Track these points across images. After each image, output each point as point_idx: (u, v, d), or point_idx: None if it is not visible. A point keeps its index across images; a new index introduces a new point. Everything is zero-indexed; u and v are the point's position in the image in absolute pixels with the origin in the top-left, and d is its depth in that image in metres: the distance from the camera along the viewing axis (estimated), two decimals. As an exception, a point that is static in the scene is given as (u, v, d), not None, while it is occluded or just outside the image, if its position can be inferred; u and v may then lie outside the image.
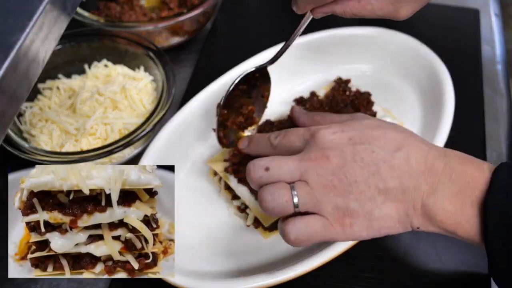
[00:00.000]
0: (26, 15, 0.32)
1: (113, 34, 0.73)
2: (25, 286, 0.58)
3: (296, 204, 0.45)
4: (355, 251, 0.55)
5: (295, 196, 0.45)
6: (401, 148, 0.46)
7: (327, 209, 0.45)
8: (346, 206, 0.45)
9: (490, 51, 0.83)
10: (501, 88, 0.78)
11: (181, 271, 0.52)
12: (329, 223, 0.45)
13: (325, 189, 0.45)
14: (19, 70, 0.32)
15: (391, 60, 0.73)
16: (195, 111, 0.65)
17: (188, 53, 0.83)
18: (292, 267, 0.52)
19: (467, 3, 0.90)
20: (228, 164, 0.62)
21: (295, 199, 0.45)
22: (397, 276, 0.57)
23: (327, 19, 0.68)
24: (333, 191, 0.45)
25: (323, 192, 0.45)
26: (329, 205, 0.45)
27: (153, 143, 0.61)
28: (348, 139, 0.47)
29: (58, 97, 0.70)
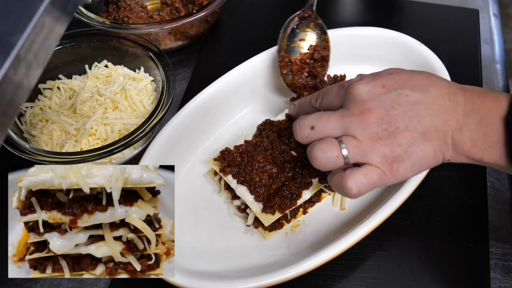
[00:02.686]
0: (27, 15, 0.32)
1: (113, 34, 0.74)
2: (25, 286, 0.58)
3: (346, 157, 0.47)
4: (355, 251, 0.56)
5: (344, 149, 0.47)
6: (427, 87, 0.49)
7: (376, 159, 0.47)
8: (392, 153, 0.47)
9: (489, 51, 0.83)
10: (500, 87, 0.78)
11: (181, 271, 0.52)
12: (382, 171, 0.48)
13: (372, 141, 0.47)
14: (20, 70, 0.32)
15: (391, 60, 0.73)
16: (195, 111, 0.65)
17: (188, 53, 0.83)
18: (292, 267, 0.52)
19: (467, 4, 0.90)
20: (223, 164, 0.61)
21: (344, 152, 0.47)
22: (397, 276, 0.57)
23: (326, 20, 0.69)
24: (379, 142, 0.47)
25: (370, 144, 0.47)
26: (378, 155, 0.47)
27: (153, 143, 0.61)
28: (381, 86, 0.49)
29: (58, 97, 0.70)
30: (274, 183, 0.59)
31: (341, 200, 0.62)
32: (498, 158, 0.48)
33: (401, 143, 0.47)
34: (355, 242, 0.53)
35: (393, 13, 0.89)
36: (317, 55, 0.66)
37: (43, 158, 0.60)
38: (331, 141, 0.48)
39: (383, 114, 0.47)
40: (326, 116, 0.49)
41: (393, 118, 0.47)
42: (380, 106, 0.48)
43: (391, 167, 0.48)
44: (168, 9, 0.85)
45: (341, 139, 0.48)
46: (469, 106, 0.49)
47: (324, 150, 0.47)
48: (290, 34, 0.67)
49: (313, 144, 0.49)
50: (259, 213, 0.58)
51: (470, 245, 0.59)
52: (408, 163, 0.48)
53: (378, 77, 0.50)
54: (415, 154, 0.48)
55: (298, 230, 0.60)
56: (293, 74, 0.66)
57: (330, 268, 0.54)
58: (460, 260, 0.58)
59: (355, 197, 0.48)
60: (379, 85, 0.49)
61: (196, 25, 0.80)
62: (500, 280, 0.58)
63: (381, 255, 0.59)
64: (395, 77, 0.50)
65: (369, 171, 0.47)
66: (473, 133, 0.48)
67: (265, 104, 0.72)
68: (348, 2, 0.92)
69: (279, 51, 0.66)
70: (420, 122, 0.48)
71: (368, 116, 0.48)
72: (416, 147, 0.48)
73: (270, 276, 0.51)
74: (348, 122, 0.48)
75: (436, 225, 0.61)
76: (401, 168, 0.48)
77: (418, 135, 0.48)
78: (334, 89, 0.52)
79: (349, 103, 0.49)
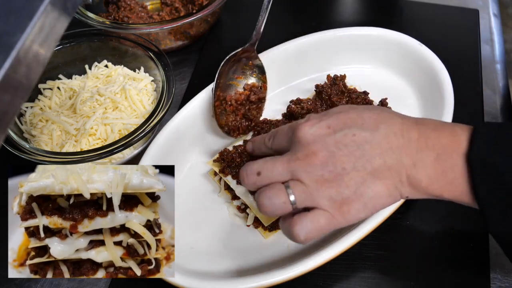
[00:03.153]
0: (27, 15, 0.32)
1: (113, 34, 0.74)
2: (26, 286, 0.58)
3: (293, 202, 0.46)
4: (355, 251, 0.56)
5: (291, 195, 0.46)
6: (378, 125, 0.47)
7: (324, 202, 0.46)
8: (340, 195, 0.46)
9: (489, 51, 0.83)
10: (500, 87, 0.78)
11: (181, 271, 0.52)
12: (330, 214, 0.46)
13: (318, 184, 0.46)
14: (20, 70, 0.32)
15: (390, 60, 0.73)
16: (195, 111, 0.65)
17: (188, 53, 0.83)
18: (292, 267, 0.52)
19: (467, 4, 0.90)
20: (223, 164, 0.61)
21: (291, 198, 0.46)
22: (397, 276, 0.57)
23: (326, 20, 0.69)
24: (325, 184, 0.46)
25: (316, 187, 0.46)
26: (325, 198, 0.46)
27: (153, 143, 0.61)
28: (327, 127, 0.48)
29: (58, 97, 0.70)
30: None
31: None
32: (459, 194, 0.47)
33: (349, 184, 0.46)
34: (355, 242, 0.53)
35: (393, 13, 0.89)
36: (254, 97, 0.65)
37: (43, 158, 0.60)
38: (277, 187, 0.47)
39: (327, 156, 0.46)
40: (272, 162, 0.48)
41: (339, 160, 0.46)
42: (324, 148, 0.46)
43: (340, 209, 0.46)
44: (168, 9, 0.85)
45: (288, 184, 0.47)
46: (424, 142, 0.47)
47: (270, 197, 0.46)
48: (228, 71, 0.66)
49: (260, 191, 0.48)
50: (259, 213, 0.58)
51: (470, 245, 0.59)
52: (359, 204, 0.46)
53: (325, 117, 0.49)
54: (366, 194, 0.46)
55: (298, 230, 0.60)
56: (226, 115, 0.64)
57: (330, 268, 0.54)
58: (460, 260, 0.58)
59: (304, 243, 0.47)
60: (325, 126, 0.48)
61: (196, 25, 0.80)
62: (500, 280, 0.58)
63: (381, 255, 0.59)
64: (342, 117, 0.48)
65: (317, 216, 0.46)
66: (430, 170, 0.47)
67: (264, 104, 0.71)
68: (348, 2, 0.92)
69: (214, 90, 0.64)
70: (369, 161, 0.46)
71: (313, 159, 0.46)
72: (367, 187, 0.46)
73: (270, 276, 0.51)
74: (294, 166, 0.47)
75: (436, 225, 0.61)
76: (352, 210, 0.46)
77: (367, 174, 0.46)
78: (284, 130, 0.51)
79: (295, 145, 0.48)
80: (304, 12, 0.89)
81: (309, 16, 0.88)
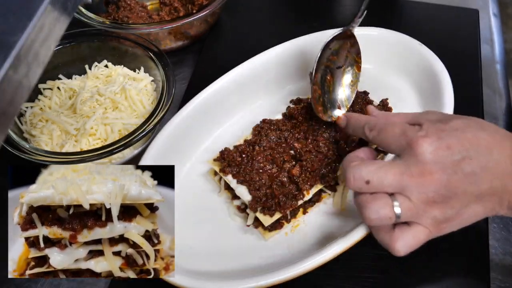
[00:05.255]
0: (27, 15, 0.32)
1: (113, 34, 0.74)
2: (25, 286, 0.58)
3: (397, 216, 0.47)
4: (355, 251, 0.55)
5: (397, 209, 0.46)
6: (492, 149, 0.47)
7: (427, 221, 0.47)
8: (443, 215, 0.47)
9: (489, 51, 0.83)
10: (500, 87, 0.78)
11: (181, 271, 0.52)
12: (429, 231, 0.48)
13: (426, 205, 0.46)
14: (20, 70, 0.32)
15: (390, 60, 0.73)
16: (195, 111, 0.65)
17: (188, 53, 0.83)
18: (292, 267, 0.52)
19: (466, 3, 0.90)
20: (223, 164, 0.61)
21: (397, 212, 0.46)
22: (397, 276, 0.57)
23: (327, 20, 0.69)
24: (433, 206, 0.46)
25: (424, 208, 0.47)
26: (429, 217, 0.47)
27: (153, 143, 0.61)
28: (447, 147, 0.47)
29: (58, 97, 0.70)
30: (274, 183, 0.59)
31: (341, 200, 0.62)
32: None
33: (454, 206, 0.47)
34: (355, 242, 0.53)
35: (393, 13, 0.89)
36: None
37: (43, 158, 0.60)
38: (385, 201, 0.47)
39: (444, 180, 0.46)
40: (384, 172, 0.47)
41: (453, 185, 0.46)
42: (441, 171, 0.46)
43: (439, 226, 0.48)
44: (167, 8, 0.85)
45: (395, 198, 0.47)
46: None
47: (378, 211, 0.47)
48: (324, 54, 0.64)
49: (366, 201, 0.47)
50: (259, 213, 0.58)
51: (470, 245, 0.59)
52: (457, 222, 0.48)
53: (444, 134, 0.47)
54: (467, 214, 0.47)
55: (298, 230, 0.60)
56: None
57: (330, 268, 0.54)
58: (460, 260, 0.58)
59: (401, 255, 0.48)
60: (445, 146, 0.46)
61: (196, 25, 0.80)
62: (500, 280, 0.58)
63: (381, 255, 0.59)
64: (460, 136, 0.47)
65: (418, 233, 0.47)
66: None
67: (264, 104, 0.71)
68: (348, 2, 0.92)
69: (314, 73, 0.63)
70: (478, 186, 0.47)
71: (428, 179, 0.46)
72: (469, 208, 0.47)
73: (270, 276, 0.51)
74: (407, 182, 0.46)
75: (436, 225, 0.61)
76: (449, 227, 0.48)
77: (473, 197, 0.47)
78: (395, 131, 0.50)
79: (410, 159, 0.47)
80: (304, 12, 0.89)
81: (310, 16, 0.88)
